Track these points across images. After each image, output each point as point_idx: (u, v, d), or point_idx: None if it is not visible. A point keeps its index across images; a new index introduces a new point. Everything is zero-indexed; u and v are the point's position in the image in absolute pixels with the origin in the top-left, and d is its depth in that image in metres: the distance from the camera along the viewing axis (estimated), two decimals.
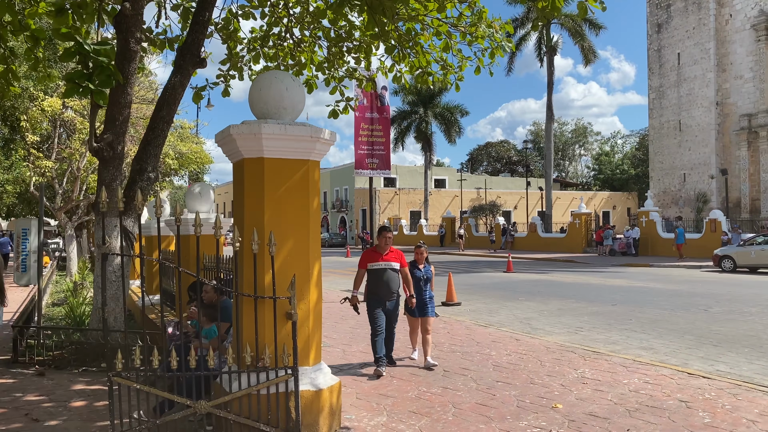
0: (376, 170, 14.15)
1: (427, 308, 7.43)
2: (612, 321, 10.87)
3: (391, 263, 7.09)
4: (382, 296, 7.03)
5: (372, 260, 7.10)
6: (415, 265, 7.51)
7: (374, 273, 7.05)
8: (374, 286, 7.06)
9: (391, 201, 58.47)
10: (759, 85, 41.74)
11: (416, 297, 7.31)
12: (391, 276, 7.05)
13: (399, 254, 7.25)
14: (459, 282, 18.48)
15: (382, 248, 7.15)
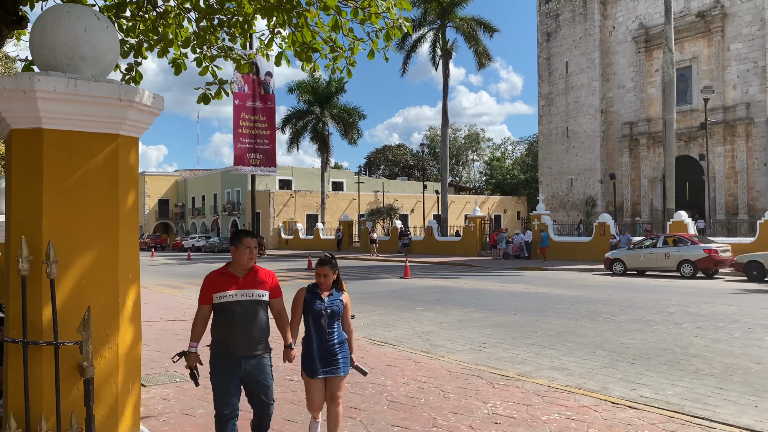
0: (260, 167, 12.47)
1: (337, 360, 4.44)
2: (516, 334, 9.96)
3: (254, 292, 4.14)
4: (235, 350, 4.04)
5: (220, 288, 4.10)
6: (315, 293, 4.47)
7: (223, 310, 4.07)
8: (222, 333, 4.08)
9: (287, 204, 56.44)
10: (639, 95, 43.88)
11: (317, 342, 4.40)
12: (252, 314, 4.09)
13: (268, 276, 4.36)
14: (354, 290, 17.18)
15: (240, 266, 4.20)
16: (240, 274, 4.19)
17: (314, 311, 4.41)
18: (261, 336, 4.12)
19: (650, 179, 43.19)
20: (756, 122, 37.48)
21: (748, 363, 7.50)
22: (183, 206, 74.94)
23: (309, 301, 4.42)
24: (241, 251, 4.19)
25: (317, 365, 4.41)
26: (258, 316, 4.11)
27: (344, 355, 4.54)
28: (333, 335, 4.46)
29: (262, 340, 4.13)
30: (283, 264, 32.05)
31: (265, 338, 4.16)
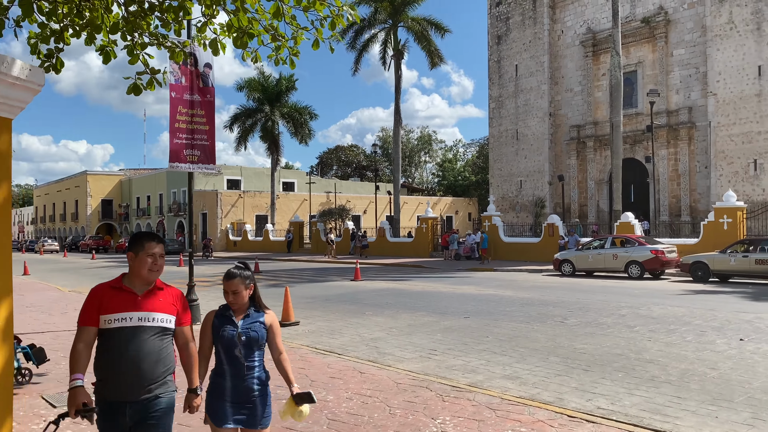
0: (198, 164, 11.69)
1: (254, 407, 3.42)
2: (468, 339, 9.57)
3: (156, 316, 3.17)
4: (122, 394, 3.08)
5: (110, 307, 3.13)
6: (225, 316, 3.47)
7: (111, 338, 3.11)
8: (107, 370, 3.11)
9: (235, 204, 55.07)
10: (586, 99, 44.59)
11: (231, 379, 3.38)
12: (149, 346, 3.12)
13: (174, 297, 3.34)
14: (301, 294, 16.59)
15: (139, 280, 3.22)
16: (139, 290, 3.18)
17: (225, 340, 3.35)
18: (160, 375, 3.13)
19: (597, 181, 43.94)
20: (698, 126, 38.55)
21: (703, 369, 7.29)
22: (127, 207, 72.42)
23: (218, 327, 3.40)
24: (141, 260, 3.17)
25: (227, 410, 3.34)
26: (158, 349, 3.12)
27: (264, 400, 3.45)
28: (252, 370, 3.40)
29: (161, 382, 3.14)
30: (228, 266, 30.86)
31: (162, 376, 3.15)
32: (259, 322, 3.50)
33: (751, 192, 34.52)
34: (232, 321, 3.43)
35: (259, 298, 3.60)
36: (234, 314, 3.46)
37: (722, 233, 22.83)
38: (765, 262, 17.62)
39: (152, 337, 3.13)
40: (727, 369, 7.25)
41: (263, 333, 3.51)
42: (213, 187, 57.23)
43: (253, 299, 3.55)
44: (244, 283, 3.46)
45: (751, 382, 6.62)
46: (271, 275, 24.39)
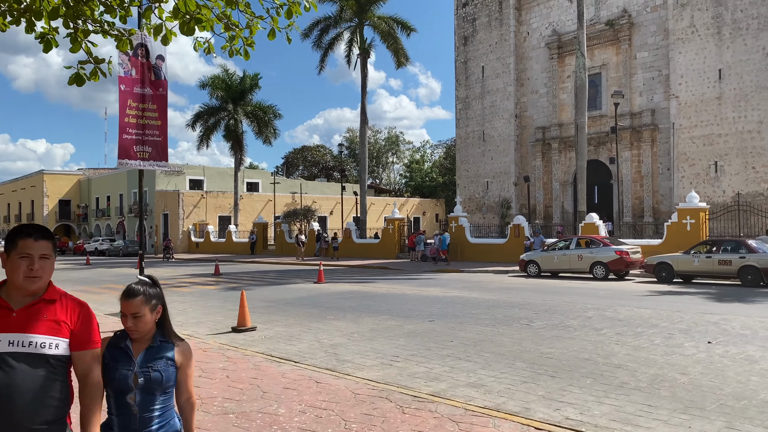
0: (149, 161, 11.08)
1: None
2: (431, 344, 9.19)
3: (34, 339, 2.36)
4: None
5: None
6: (120, 348, 2.59)
7: None
8: None
9: (198, 205, 53.89)
10: (552, 100, 44.86)
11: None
12: (26, 379, 2.31)
13: (69, 311, 2.51)
14: (261, 297, 16.01)
15: (15, 289, 2.45)
16: (16, 303, 2.39)
17: (115, 382, 2.51)
18: (44, 422, 2.31)
19: (562, 182, 44.22)
20: (660, 128, 39.06)
21: (673, 374, 7.03)
22: (86, 207, 70.37)
23: (109, 363, 2.54)
24: (13, 263, 2.39)
25: None
26: (38, 385, 2.31)
27: None
28: (151, 422, 2.53)
29: (46, 427, 2.33)
30: (188, 269, 30.21)
31: (53, 427, 2.35)
32: (166, 358, 2.60)
33: (712, 193, 35.08)
34: (127, 355, 2.54)
35: (169, 325, 2.72)
36: (132, 346, 2.58)
37: (685, 234, 23.00)
38: (727, 262, 17.71)
39: (30, 368, 2.31)
40: (697, 374, 7.01)
41: (170, 373, 2.59)
42: (175, 187, 55.91)
43: (161, 326, 2.68)
44: (149, 304, 2.59)
45: (722, 388, 6.38)
46: (231, 278, 23.69)
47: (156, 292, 2.67)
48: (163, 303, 2.71)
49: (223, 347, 9.12)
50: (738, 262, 17.50)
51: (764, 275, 17.03)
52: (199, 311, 13.73)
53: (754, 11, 33.89)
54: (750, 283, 17.20)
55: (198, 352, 8.74)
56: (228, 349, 9.00)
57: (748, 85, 34.15)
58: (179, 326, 11.57)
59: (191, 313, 13.39)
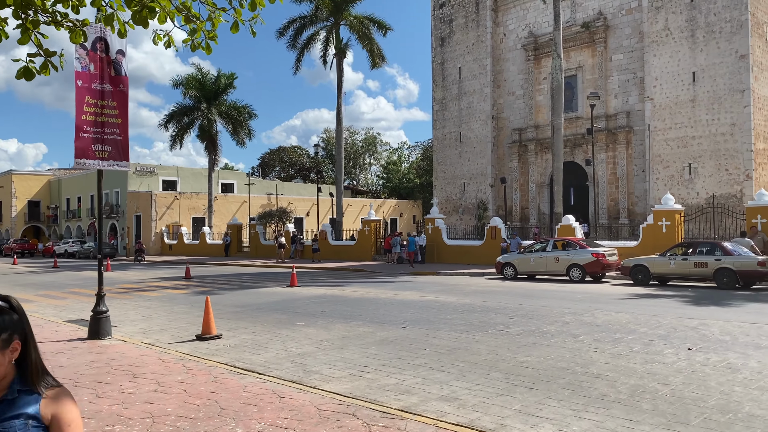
0: (108, 161, 10.53)
1: None
2: (404, 352, 8.81)
3: None
4: None
5: None
6: None
7: None
8: None
9: (171, 206, 52.90)
10: (528, 102, 44.87)
11: None
12: None
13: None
14: (231, 302, 15.49)
15: None
16: None
17: None
18: None
19: (538, 184, 44.24)
20: (635, 130, 39.25)
21: (654, 384, 6.74)
22: (56, 208, 68.73)
23: None
24: None
25: None
26: None
27: None
28: None
29: None
30: (159, 272, 29.44)
31: None
32: (25, 415, 1.86)
33: (686, 195, 35.31)
34: None
35: (36, 367, 1.94)
36: None
37: (661, 236, 22.97)
38: (703, 265, 17.64)
39: None
40: (678, 384, 6.73)
41: None
42: (148, 188, 54.83)
43: (22, 368, 1.93)
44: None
45: (705, 400, 6.09)
46: (202, 281, 23.07)
47: (10, 320, 1.90)
48: (25, 335, 1.93)
49: (185, 357, 8.64)
50: (714, 264, 17.44)
51: (739, 277, 16.99)
52: (164, 317, 13.18)
53: (727, 15, 34.20)
54: (725, 286, 17.14)
55: (157, 363, 8.25)
56: (189, 359, 8.51)
57: (721, 88, 34.45)
58: (142, 334, 11.05)
59: (156, 320, 12.84)
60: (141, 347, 9.45)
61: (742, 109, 33.77)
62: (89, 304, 15.41)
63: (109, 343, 9.87)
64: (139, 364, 8.19)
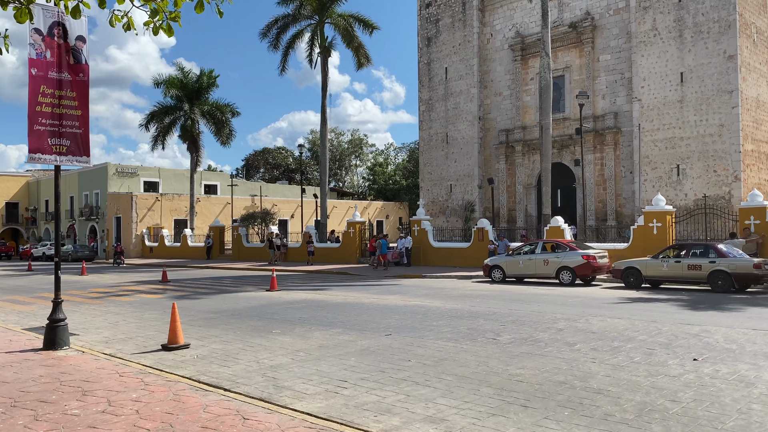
0: (67, 156, 9.71)
1: None
2: (386, 364, 8.08)
3: None
4: None
5: None
6: None
7: None
8: None
9: (152, 208, 51.79)
10: (515, 103, 44.37)
11: None
12: None
13: None
14: (205, 308, 14.67)
15: None
16: None
17: None
18: None
19: (525, 185, 43.74)
20: (623, 131, 38.86)
21: (662, 401, 6.07)
22: (35, 210, 67.19)
23: None
24: None
25: None
26: None
27: None
28: None
29: None
30: (136, 275, 28.46)
31: None
32: None
33: (675, 197, 34.93)
34: None
35: None
36: None
37: (652, 238, 22.45)
38: (697, 267, 17.10)
39: None
40: (689, 401, 6.06)
41: None
42: (128, 189, 53.66)
43: None
44: None
45: (722, 421, 5.43)
46: (178, 285, 22.18)
47: None
48: None
49: (145, 370, 7.85)
50: (708, 267, 16.90)
51: (735, 280, 16.46)
52: (132, 324, 12.34)
53: (715, 15, 33.91)
54: (720, 289, 16.60)
55: (113, 377, 7.46)
56: (150, 372, 7.72)
57: (709, 89, 34.14)
58: (104, 343, 10.24)
59: (122, 327, 12.00)
60: (99, 359, 8.64)
61: (731, 110, 33.47)
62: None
63: (65, 354, 9.05)
64: (93, 379, 7.39)
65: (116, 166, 55.80)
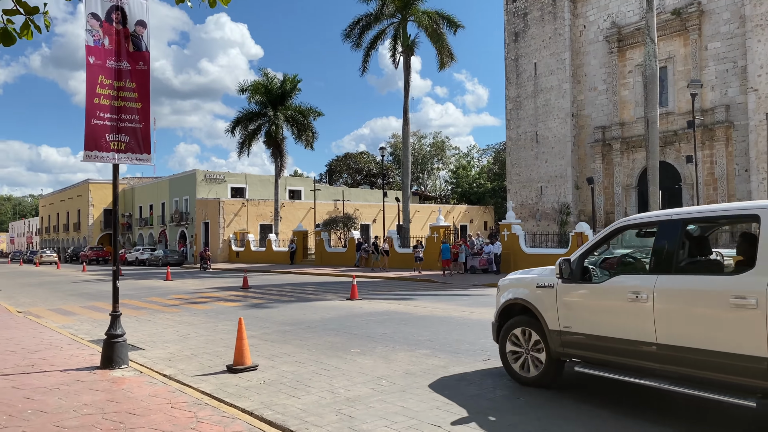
0: (126, 153, 8.79)
1: None
2: (486, 402, 6.48)
3: None
4: None
5: None
6: None
7: None
8: None
9: (238, 213, 52.39)
10: (612, 98, 41.39)
11: None
12: None
13: None
14: (280, 319, 13.59)
15: None
16: None
17: None
18: None
19: (624, 186, 40.63)
20: (736, 125, 35.19)
21: None
22: (130, 216, 70.16)
23: None
24: None
25: None
26: None
27: None
28: None
29: None
30: (219, 280, 28.19)
31: None
32: None
33: None
34: None
35: None
36: None
37: None
38: None
39: None
40: None
41: None
42: (216, 195, 54.66)
43: None
44: None
45: None
46: (259, 291, 21.43)
47: None
48: None
49: (202, 400, 6.66)
50: None
51: None
52: (202, 338, 11.38)
53: None
54: None
55: (164, 409, 6.32)
56: (206, 404, 6.53)
57: None
58: (166, 361, 9.25)
59: (191, 341, 11.05)
60: (155, 383, 7.57)
61: None
62: (129, 318, 13.94)
63: (122, 374, 8.06)
64: (140, 411, 6.28)
65: (204, 172, 57.03)
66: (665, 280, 5.47)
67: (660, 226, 5.82)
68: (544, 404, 6.37)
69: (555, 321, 6.59)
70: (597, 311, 6.14)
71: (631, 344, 5.69)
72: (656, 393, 6.45)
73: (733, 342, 4.82)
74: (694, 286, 5.27)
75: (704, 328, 5.07)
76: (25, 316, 15.14)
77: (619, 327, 5.81)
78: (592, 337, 6.14)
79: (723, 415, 5.81)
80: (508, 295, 7.43)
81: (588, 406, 6.23)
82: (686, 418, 5.79)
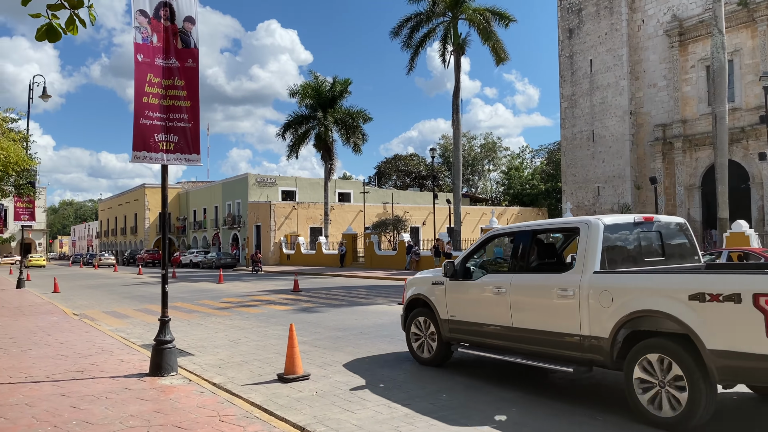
0: (175, 153, 8.54)
1: None
2: (558, 424, 5.87)
3: None
4: None
5: None
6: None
7: None
8: None
9: (289, 216, 52.71)
10: (673, 94, 39.62)
11: None
12: None
13: None
14: (332, 324, 13.22)
15: None
16: None
17: None
18: None
19: (687, 187, 38.79)
20: None
21: None
22: (185, 220, 71.68)
23: None
24: None
25: None
26: None
27: None
28: None
29: None
30: (270, 283, 28.16)
31: None
32: None
33: None
34: None
35: None
36: None
37: None
38: None
39: None
40: None
41: None
42: (267, 199, 55.16)
43: None
44: None
45: None
46: (310, 295, 21.18)
47: None
48: None
49: (251, 413, 6.28)
50: None
51: None
52: (253, 344, 11.09)
53: None
54: None
55: (212, 422, 5.96)
56: (256, 417, 6.14)
57: None
58: (216, 368, 8.96)
59: (242, 346, 10.77)
60: (204, 392, 7.24)
61: None
62: (180, 322, 13.84)
63: (170, 382, 7.78)
64: (187, 425, 5.93)
65: (256, 176, 57.66)
66: (518, 278, 7.01)
67: (516, 235, 7.36)
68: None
69: (445, 311, 8.12)
70: (473, 303, 7.64)
71: (497, 328, 7.22)
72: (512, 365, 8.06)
73: (560, 324, 6.32)
74: (536, 282, 6.80)
75: (542, 314, 6.59)
76: (80, 318, 15.25)
77: (489, 315, 7.33)
78: (471, 323, 7.65)
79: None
80: (412, 291, 8.99)
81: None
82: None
